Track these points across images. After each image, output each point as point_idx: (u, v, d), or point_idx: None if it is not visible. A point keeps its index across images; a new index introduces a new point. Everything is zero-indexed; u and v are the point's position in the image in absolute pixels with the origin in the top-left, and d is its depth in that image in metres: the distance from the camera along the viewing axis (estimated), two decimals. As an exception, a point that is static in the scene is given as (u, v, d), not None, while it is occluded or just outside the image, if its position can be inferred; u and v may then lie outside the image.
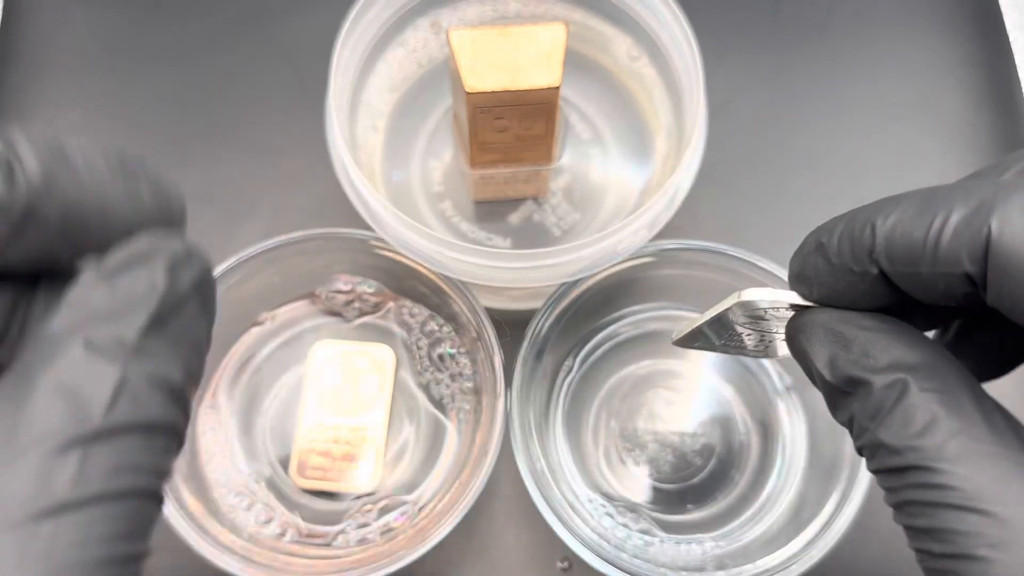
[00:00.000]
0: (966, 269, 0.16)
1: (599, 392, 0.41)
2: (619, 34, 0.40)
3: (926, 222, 0.17)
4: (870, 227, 0.18)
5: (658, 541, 0.38)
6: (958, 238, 0.16)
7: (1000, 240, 0.15)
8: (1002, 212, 0.15)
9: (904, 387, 0.17)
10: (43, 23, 0.50)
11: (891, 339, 0.18)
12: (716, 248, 0.37)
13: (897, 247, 0.17)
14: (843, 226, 0.19)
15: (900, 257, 0.17)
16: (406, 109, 0.40)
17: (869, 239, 0.18)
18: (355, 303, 0.41)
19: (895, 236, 0.17)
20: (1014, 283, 0.15)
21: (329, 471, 0.39)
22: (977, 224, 0.16)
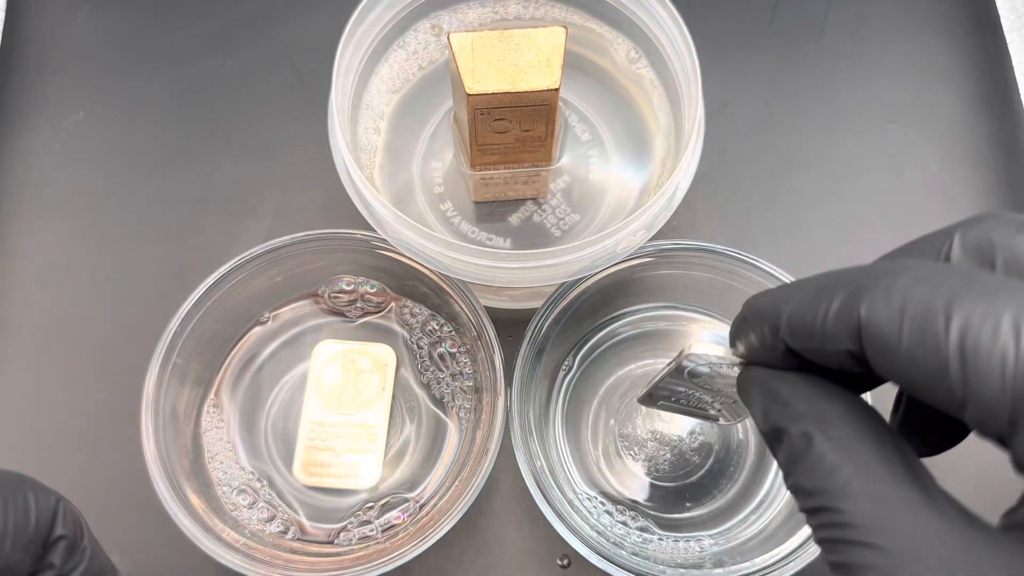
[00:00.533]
0: (848, 347, 0.19)
1: (598, 391, 0.41)
2: (618, 37, 0.40)
3: (816, 307, 0.19)
4: (775, 312, 0.21)
5: (656, 539, 0.38)
6: (838, 322, 0.19)
7: (868, 322, 0.18)
8: (870, 298, 0.18)
9: (811, 437, 0.20)
10: (46, 25, 0.50)
11: (808, 393, 0.20)
12: (714, 248, 0.38)
13: (796, 329, 0.20)
14: (760, 306, 0.22)
15: (799, 337, 0.20)
16: (407, 110, 0.40)
17: (775, 321, 0.21)
18: (358, 303, 0.41)
19: (794, 319, 0.20)
20: (884, 357, 0.18)
21: (331, 469, 0.39)
22: (851, 309, 0.18)
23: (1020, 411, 0.16)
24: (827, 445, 0.19)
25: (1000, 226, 0.19)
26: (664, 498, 0.39)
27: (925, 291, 0.17)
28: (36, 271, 0.45)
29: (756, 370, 0.22)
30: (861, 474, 0.19)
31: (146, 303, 0.43)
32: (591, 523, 0.37)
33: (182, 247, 0.45)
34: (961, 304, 0.16)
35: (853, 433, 0.19)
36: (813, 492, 0.19)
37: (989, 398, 0.16)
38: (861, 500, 0.18)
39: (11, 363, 0.43)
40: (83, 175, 0.46)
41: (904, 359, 0.17)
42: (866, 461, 0.19)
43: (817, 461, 0.19)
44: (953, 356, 0.16)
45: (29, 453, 0.41)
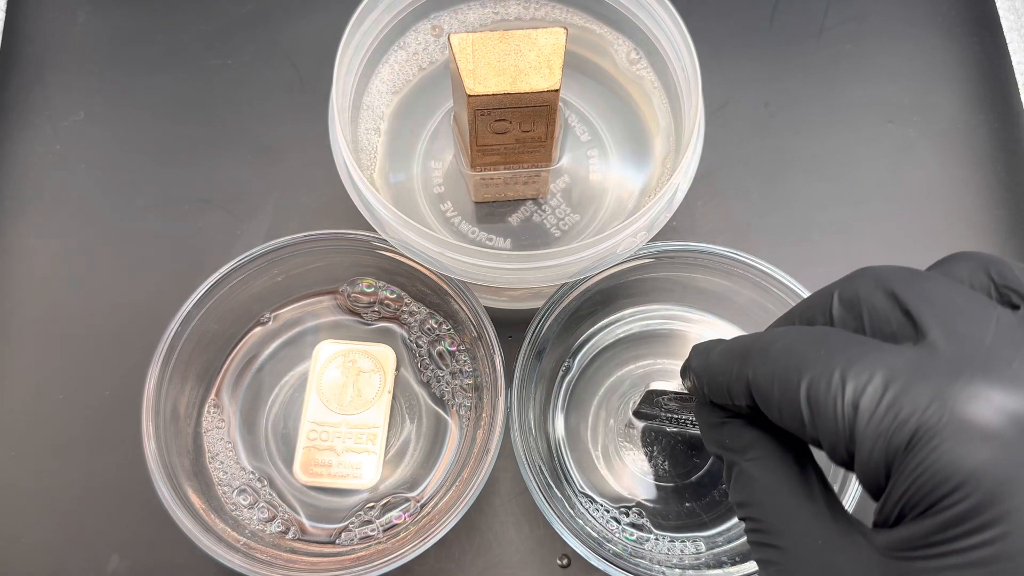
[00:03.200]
0: (746, 402, 0.23)
1: (598, 391, 0.41)
2: (618, 38, 0.40)
3: (727, 371, 0.24)
4: (701, 371, 0.26)
5: (656, 539, 0.38)
6: (737, 384, 0.23)
7: (753, 383, 0.23)
8: (753, 365, 0.23)
9: (736, 461, 0.24)
10: (47, 25, 0.50)
11: (733, 428, 0.25)
12: (714, 249, 0.38)
13: (712, 390, 0.25)
14: (693, 363, 0.26)
15: (716, 395, 0.25)
16: (407, 111, 0.40)
17: (700, 379, 0.26)
18: (375, 306, 0.41)
19: (712, 383, 0.25)
20: (767, 408, 0.22)
21: (331, 469, 0.39)
22: (743, 373, 0.23)
23: (852, 443, 0.20)
24: (748, 465, 0.24)
25: (865, 283, 0.23)
26: (663, 498, 0.39)
27: (787, 358, 0.22)
28: (36, 271, 0.45)
29: (701, 409, 0.27)
30: (775, 488, 0.23)
31: (146, 303, 0.43)
32: (591, 523, 0.37)
33: (182, 247, 0.45)
34: (808, 366, 0.21)
35: (768, 455, 0.24)
36: (742, 504, 0.24)
37: (831, 434, 0.20)
38: (769, 510, 0.23)
39: (11, 363, 0.43)
40: (83, 175, 0.46)
41: (778, 410, 0.22)
42: (780, 478, 0.23)
43: (745, 480, 0.24)
44: (804, 406, 0.21)
45: (29, 453, 0.42)
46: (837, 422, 0.20)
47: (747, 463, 0.24)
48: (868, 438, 0.19)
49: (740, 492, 0.24)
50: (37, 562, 0.40)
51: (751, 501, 0.24)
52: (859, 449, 0.20)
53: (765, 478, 0.23)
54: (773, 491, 0.23)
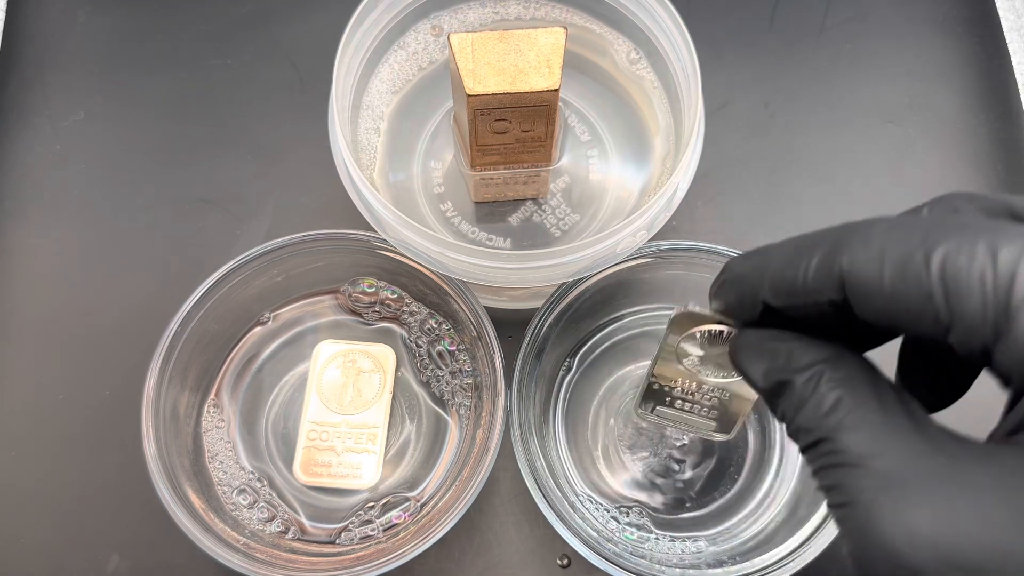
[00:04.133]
0: (831, 297, 0.20)
1: (598, 391, 0.41)
2: (618, 38, 0.40)
3: (797, 264, 0.21)
4: (757, 273, 0.23)
5: (656, 538, 0.38)
6: (819, 275, 0.21)
7: (851, 270, 0.20)
8: (849, 249, 0.20)
9: (816, 381, 0.21)
10: (47, 25, 0.50)
11: (803, 347, 0.22)
12: (714, 249, 0.38)
13: (779, 288, 0.22)
14: (739, 269, 0.24)
15: (782, 295, 0.22)
16: (407, 111, 0.40)
17: (756, 283, 0.23)
18: (376, 306, 0.41)
19: (776, 279, 0.22)
20: (868, 299, 0.20)
21: (331, 469, 0.39)
22: (832, 261, 0.20)
23: (1001, 321, 0.17)
24: (828, 386, 0.21)
25: (956, 196, 0.21)
26: (663, 498, 0.39)
27: (901, 235, 0.19)
28: (36, 271, 0.45)
29: (750, 335, 0.24)
30: (857, 408, 0.20)
31: (146, 303, 0.43)
32: (591, 523, 0.37)
33: (182, 247, 0.45)
34: (937, 241, 0.18)
35: (851, 375, 0.21)
36: (813, 429, 0.21)
37: (972, 315, 0.18)
38: (856, 431, 0.20)
39: (11, 363, 0.43)
40: (83, 175, 0.46)
41: (888, 298, 0.19)
42: (862, 398, 0.21)
43: (819, 402, 0.21)
44: (936, 285, 0.18)
45: (29, 453, 0.42)
46: (985, 298, 0.18)
47: (829, 383, 0.21)
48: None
49: (815, 417, 0.21)
50: (37, 562, 0.40)
51: (829, 423, 0.21)
52: (1012, 331, 0.17)
53: (854, 396, 0.21)
54: (862, 409, 0.20)
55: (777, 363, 0.23)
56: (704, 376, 0.30)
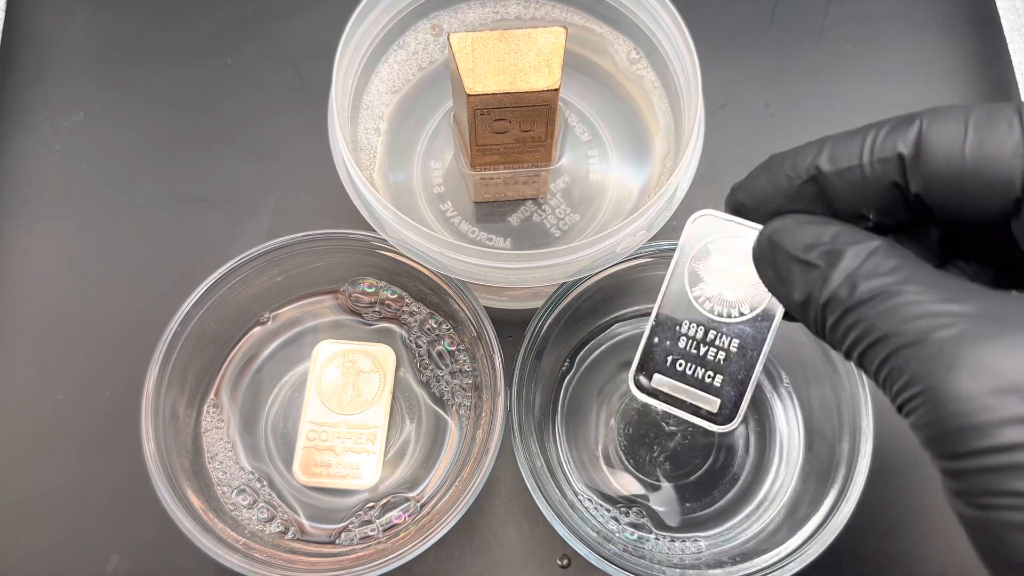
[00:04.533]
0: (900, 151, 0.20)
1: (598, 391, 0.41)
2: (619, 37, 0.40)
3: (864, 132, 0.21)
4: (813, 146, 0.22)
5: (656, 539, 0.38)
6: (895, 132, 0.20)
7: (929, 129, 0.20)
8: (931, 112, 0.20)
9: (869, 253, 0.21)
10: (47, 24, 0.50)
11: (851, 230, 0.21)
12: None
13: (838, 153, 0.21)
14: (786, 153, 0.23)
15: (839, 155, 0.21)
16: (407, 111, 0.40)
17: (813, 152, 0.22)
18: (376, 307, 0.41)
19: (837, 146, 0.21)
20: (941, 165, 0.19)
21: (330, 469, 0.39)
22: (909, 121, 0.20)
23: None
24: (884, 255, 0.20)
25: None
26: (663, 498, 0.39)
27: (986, 106, 0.19)
28: (36, 271, 0.45)
29: (789, 216, 0.22)
30: (922, 266, 0.19)
31: (146, 303, 0.43)
32: (591, 523, 0.37)
33: (182, 247, 0.45)
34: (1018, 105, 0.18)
35: (907, 254, 0.20)
36: (870, 289, 0.20)
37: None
38: (927, 282, 0.19)
39: (11, 363, 0.43)
40: (83, 175, 0.46)
41: (970, 155, 0.18)
42: (923, 264, 0.20)
43: (877, 264, 0.20)
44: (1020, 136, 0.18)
45: (29, 453, 0.41)
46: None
47: (887, 250, 0.20)
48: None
49: (876, 271, 0.20)
50: (37, 562, 0.40)
51: (891, 280, 0.19)
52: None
53: (912, 261, 0.20)
54: (931, 269, 0.20)
55: (823, 237, 0.21)
56: (718, 309, 0.26)
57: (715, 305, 0.26)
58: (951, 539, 0.40)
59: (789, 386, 0.41)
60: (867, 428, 0.35)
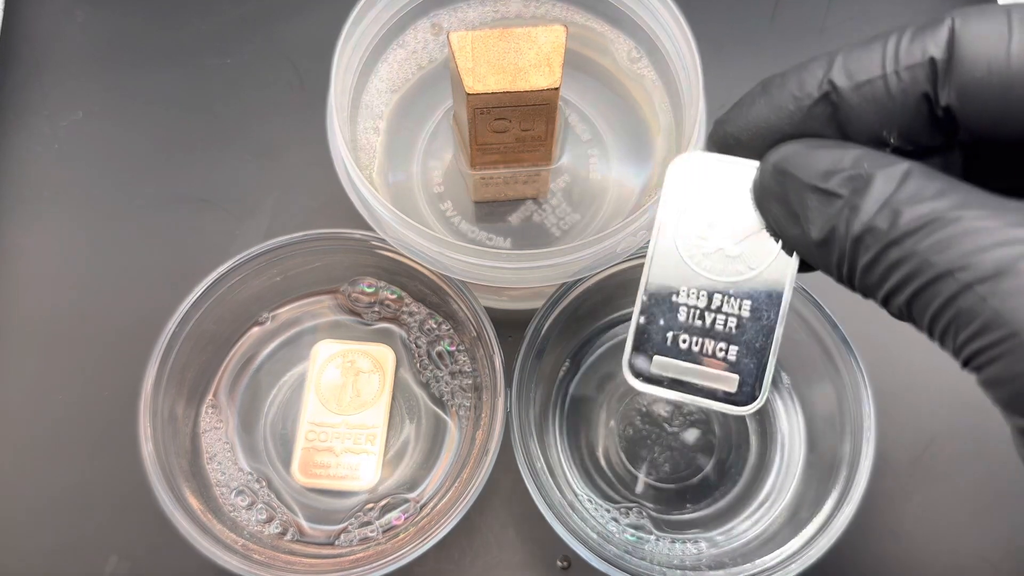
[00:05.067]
0: (932, 54, 0.17)
1: (599, 392, 0.41)
2: (619, 36, 0.40)
3: (881, 40, 0.18)
4: (822, 61, 0.19)
5: (657, 540, 0.38)
6: (921, 35, 0.18)
7: (964, 27, 0.17)
8: (960, 12, 0.17)
9: (910, 171, 0.17)
10: (45, 23, 0.50)
11: (875, 153, 0.18)
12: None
13: (856, 64, 0.18)
14: (788, 73, 0.20)
15: (856, 67, 0.18)
16: (406, 110, 0.40)
17: (823, 66, 0.19)
18: (375, 307, 0.41)
19: (853, 55, 0.18)
20: (980, 70, 0.17)
21: (330, 470, 0.39)
22: (936, 24, 0.17)
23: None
24: (923, 178, 0.17)
25: None
26: (664, 499, 0.39)
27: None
28: (34, 271, 0.45)
29: (796, 141, 0.19)
30: (973, 190, 0.17)
31: (145, 303, 0.43)
32: (591, 524, 0.37)
33: (181, 247, 0.45)
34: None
35: (945, 177, 0.17)
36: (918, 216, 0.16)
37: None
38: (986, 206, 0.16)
39: (8, 364, 0.43)
40: (82, 175, 0.46)
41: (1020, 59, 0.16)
42: (972, 190, 0.17)
43: (920, 189, 0.17)
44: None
45: (27, 454, 0.41)
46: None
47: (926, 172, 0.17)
48: None
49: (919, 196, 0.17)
50: (35, 563, 0.40)
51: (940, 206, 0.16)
52: None
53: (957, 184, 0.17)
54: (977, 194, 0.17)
55: (843, 161, 0.18)
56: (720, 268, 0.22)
57: (716, 264, 0.22)
58: (955, 541, 0.40)
59: (790, 386, 0.41)
60: (869, 428, 0.35)
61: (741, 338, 0.22)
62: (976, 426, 0.41)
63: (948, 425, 0.42)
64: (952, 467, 0.41)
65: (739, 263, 0.22)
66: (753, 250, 0.22)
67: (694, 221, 0.22)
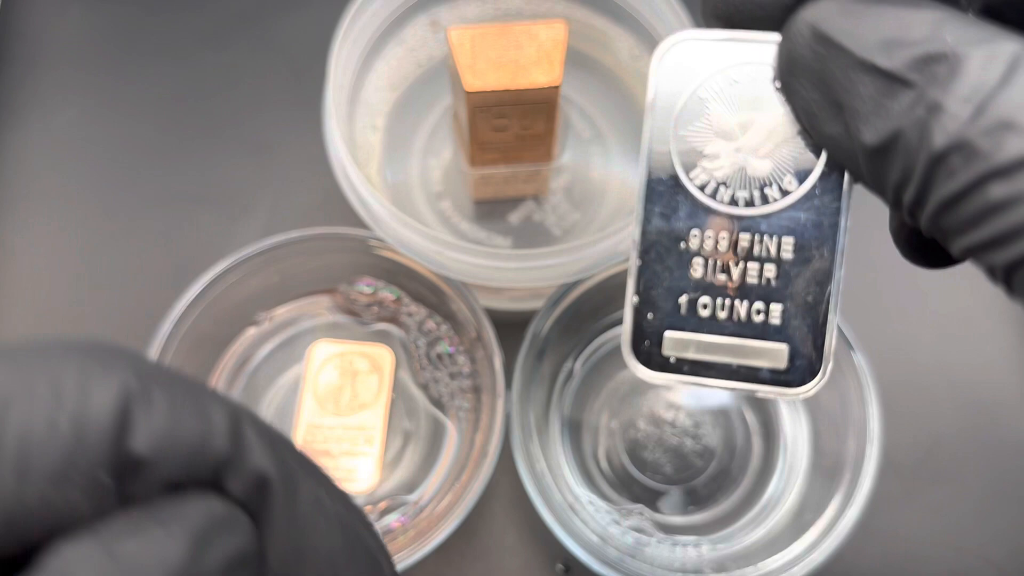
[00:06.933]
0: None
1: (599, 393, 0.41)
2: (621, 32, 0.40)
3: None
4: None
5: (658, 543, 0.38)
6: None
7: None
8: None
9: (1016, 58, 0.12)
10: (40, 20, 0.49)
11: (963, 17, 0.12)
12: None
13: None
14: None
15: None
16: (405, 108, 0.40)
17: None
18: (374, 307, 0.41)
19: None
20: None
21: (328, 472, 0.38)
22: None
23: None
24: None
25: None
26: (666, 502, 0.39)
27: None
28: (27, 270, 0.44)
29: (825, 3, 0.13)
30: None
31: (139, 303, 0.43)
32: (592, 528, 0.37)
33: (176, 246, 0.44)
34: None
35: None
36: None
37: None
38: None
39: (3, 364, 0.42)
40: (76, 173, 0.46)
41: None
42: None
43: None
44: None
45: (21, 456, 0.41)
46: None
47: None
48: None
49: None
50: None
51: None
52: None
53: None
54: None
55: (914, 28, 0.12)
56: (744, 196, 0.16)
57: (737, 191, 0.16)
58: (959, 543, 0.40)
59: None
60: (874, 430, 0.35)
61: (785, 291, 0.16)
62: (981, 428, 0.41)
63: (953, 427, 0.41)
64: (957, 469, 0.41)
65: (771, 184, 0.16)
66: (786, 163, 0.16)
67: (698, 132, 0.16)
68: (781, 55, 0.15)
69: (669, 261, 0.17)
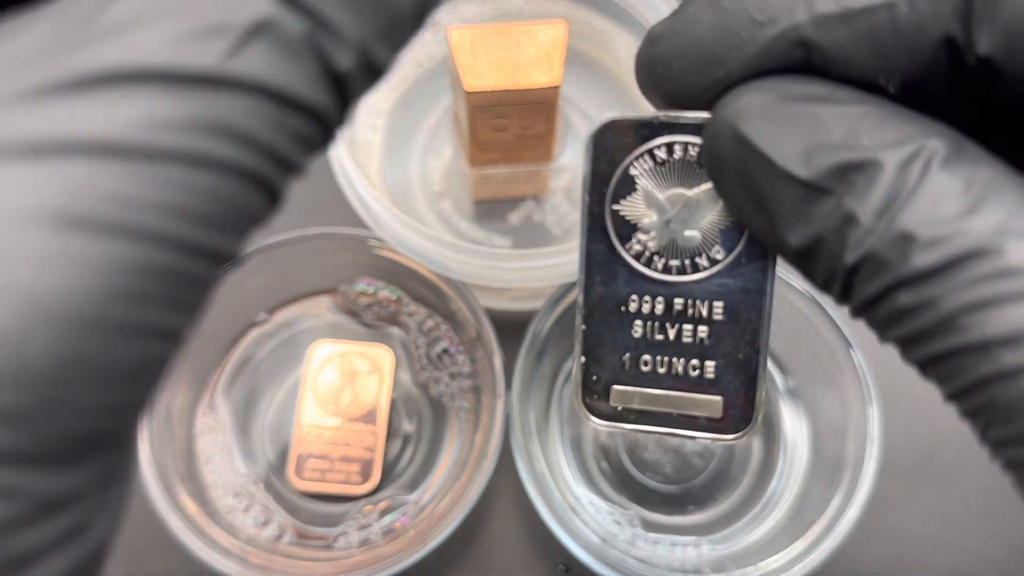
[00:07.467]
0: (947, 29, 0.12)
1: (599, 393, 0.41)
2: (620, 32, 0.40)
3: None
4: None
5: (658, 543, 0.38)
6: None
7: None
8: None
9: (928, 162, 0.12)
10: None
11: (881, 111, 0.12)
12: (718, 248, 0.37)
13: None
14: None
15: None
16: (405, 108, 0.40)
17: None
18: (374, 307, 0.41)
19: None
20: None
21: (328, 472, 0.38)
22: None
23: None
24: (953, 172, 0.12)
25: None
26: (666, 502, 0.39)
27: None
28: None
29: (757, 93, 0.13)
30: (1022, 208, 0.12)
31: (140, 303, 0.43)
32: (592, 528, 0.37)
33: (177, 246, 0.44)
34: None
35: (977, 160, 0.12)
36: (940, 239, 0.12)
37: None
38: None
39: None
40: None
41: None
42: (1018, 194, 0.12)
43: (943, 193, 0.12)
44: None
45: (21, 455, 0.41)
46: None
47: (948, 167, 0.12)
48: None
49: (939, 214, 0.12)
50: (29, 566, 0.39)
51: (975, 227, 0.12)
52: None
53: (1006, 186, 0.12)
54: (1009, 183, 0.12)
55: (833, 135, 0.12)
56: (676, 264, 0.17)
57: (670, 260, 0.17)
58: (959, 544, 0.40)
59: (793, 388, 0.40)
60: (874, 430, 0.35)
61: (718, 350, 0.18)
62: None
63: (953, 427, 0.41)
64: (957, 470, 0.41)
65: (702, 252, 0.17)
66: (714, 234, 0.17)
67: (630, 206, 0.17)
68: (705, 149, 0.15)
69: (612, 323, 0.18)
